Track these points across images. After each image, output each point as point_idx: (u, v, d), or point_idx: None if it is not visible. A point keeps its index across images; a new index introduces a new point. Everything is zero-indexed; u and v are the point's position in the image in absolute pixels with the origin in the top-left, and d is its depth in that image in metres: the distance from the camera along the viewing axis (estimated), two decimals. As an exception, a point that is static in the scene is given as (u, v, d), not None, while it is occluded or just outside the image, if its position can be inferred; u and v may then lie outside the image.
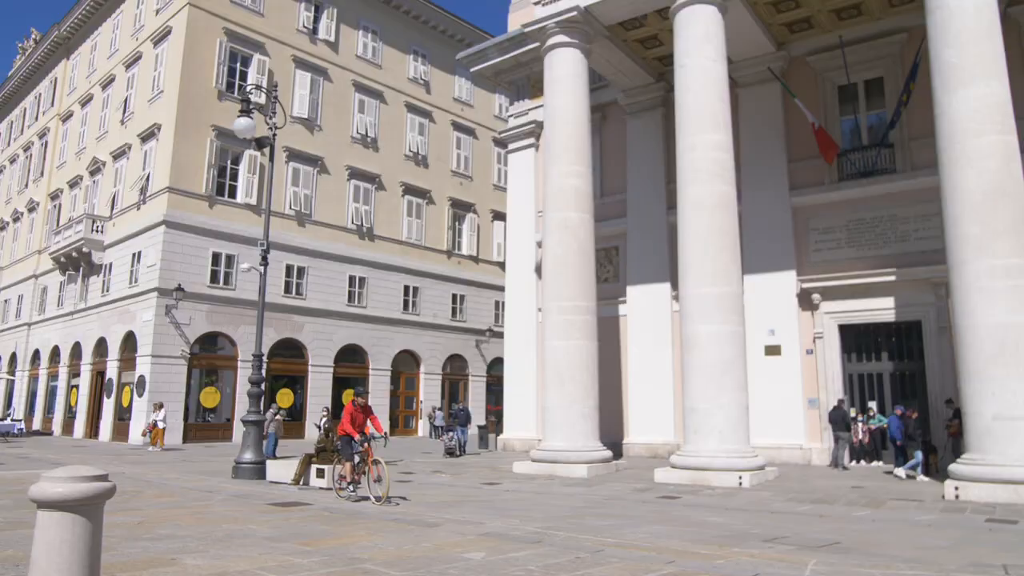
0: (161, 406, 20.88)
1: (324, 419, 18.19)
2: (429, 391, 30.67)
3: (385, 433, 9.76)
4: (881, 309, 14.66)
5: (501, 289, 24.43)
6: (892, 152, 14.91)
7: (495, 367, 31.71)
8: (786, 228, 15.72)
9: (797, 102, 15.22)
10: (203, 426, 23.80)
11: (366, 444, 9.31)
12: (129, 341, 24.33)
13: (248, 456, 12.31)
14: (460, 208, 33.07)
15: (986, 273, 9.59)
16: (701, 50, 12.49)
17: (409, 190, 30.97)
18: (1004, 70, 10.24)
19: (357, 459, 9.35)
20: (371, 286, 28.92)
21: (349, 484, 9.35)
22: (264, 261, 13.45)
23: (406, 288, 30.30)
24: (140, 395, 22.59)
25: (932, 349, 14.04)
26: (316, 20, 28.84)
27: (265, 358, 15.32)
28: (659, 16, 14.87)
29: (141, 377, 22.73)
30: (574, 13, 14.05)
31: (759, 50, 16.00)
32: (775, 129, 16.16)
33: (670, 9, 13.14)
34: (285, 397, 25.40)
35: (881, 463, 14.26)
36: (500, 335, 26.47)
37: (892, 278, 14.42)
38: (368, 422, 9.52)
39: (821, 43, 15.85)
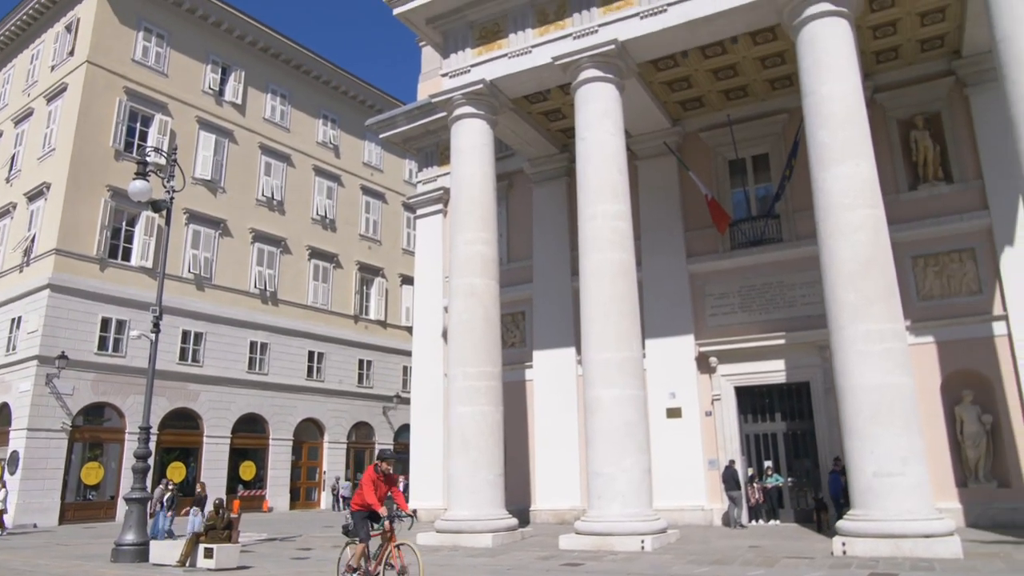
0: (3, 486, 19.11)
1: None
2: (333, 461, 29.63)
3: (413, 512, 8.07)
4: (773, 371, 15.34)
5: (409, 354, 24.17)
6: (778, 223, 15.89)
7: (403, 434, 31.07)
8: (684, 294, 16.37)
9: (691, 175, 16.08)
10: (83, 505, 22.06)
11: (388, 523, 7.53)
12: (2, 413, 22.52)
13: (130, 537, 11.48)
14: (368, 272, 32.80)
15: (862, 337, 10.24)
16: (600, 124, 13.09)
17: (316, 254, 30.53)
18: (870, 150, 11.18)
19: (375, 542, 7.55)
20: (273, 352, 28.01)
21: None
22: (156, 327, 12.86)
23: (310, 354, 29.51)
24: (12, 473, 20.79)
25: (820, 409, 14.74)
26: (223, 82, 28.57)
27: (155, 430, 14.50)
28: (562, 91, 15.52)
29: (14, 453, 20.97)
30: (480, 86, 14.49)
31: (656, 125, 16.90)
32: (672, 199, 16.97)
33: (571, 85, 13.77)
34: (176, 471, 23.93)
35: (778, 521, 14.68)
36: (408, 401, 26.08)
37: (782, 341, 15.16)
38: (390, 495, 7.83)
39: (712, 120, 16.90)
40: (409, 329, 30.58)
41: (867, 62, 14.87)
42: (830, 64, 11.35)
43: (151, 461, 13.71)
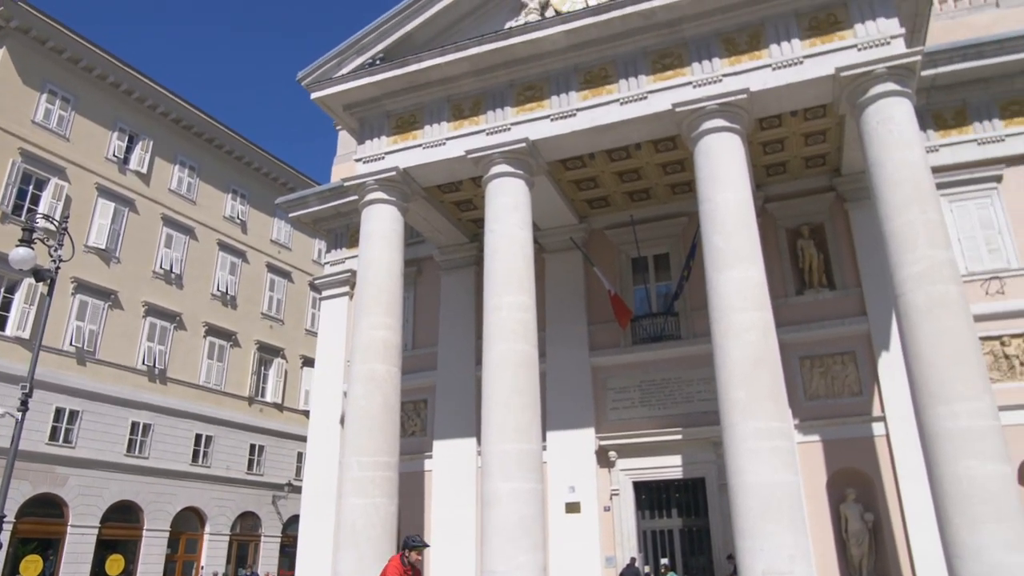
0: None
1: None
2: (213, 554, 27.60)
3: None
4: (670, 467, 15.54)
5: (306, 440, 23.21)
6: (677, 320, 16.47)
7: (292, 526, 29.40)
8: (586, 387, 16.55)
9: (596, 270, 16.57)
10: (-83, 603, 19.57)
11: None
12: None
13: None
14: (268, 352, 31.70)
15: (752, 434, 10.56)
16: (509, 218, 13.42)
17: (213, 331, 29.35)
18: (760, 256, 11.86)
19: None
20: (157, 434, 26.31)
21: None
22: (24, 405, 11.87)
23: (198, 437, 27.88)
24: None
25: (715, 506, 14.95)
26: (129, 150, 27.85)
27: (11, 518, 13.12)
28: (474, 183, 15.88)
29: None
30: (393, 173, 14.66)
31: (564, 221, 17.45)
32: (577, 293, 17.38)
33: (483, 178, 14.13)
34: (32, 565, 21.66)
35: (674, 621, 14.54)
36: (300, 490, 24.83)
37: (679, 437, 15.45)
38: None
39: (617, 219, 17.60)
40: (307, 413, 29.47)
41: (759, 174, 15.98)
42: (724, 175, 12.14)
43: (2, 554, 12.35)
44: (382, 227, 14.64)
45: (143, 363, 26.29)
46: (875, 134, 11.64)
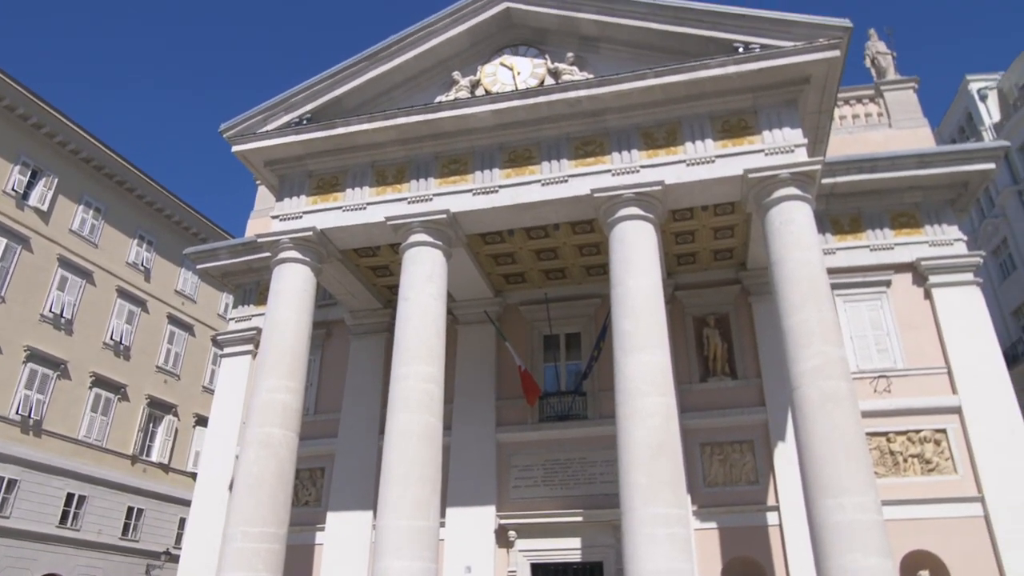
0: None
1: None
2: (74, 628, 25.19)
3: None
4: (569, 549, 15.33)
5: (190, 505, 21.76)
6: (585, 400, 16.57)
7: (167, 599, 27.26)
8: (490, 463, 16.30)
9: (508, 345, 16.59)
10: None
11: None
12: None
13: None
14: (159, 408, 29.98)
15: (650, 521, 10.57)
16: (424, 287, 13.35)
17: (100, 382, 27.60)
18: (667, 341, 12.16)
19: None
20: (23, 492, 24.20)
21: None
22: None
23: (69, 497, 25.77)
24: None
25: (612, 591, 14.76)
26: (30, 185, 26.44)
27: None
28: (392, 249, 15.79)
29: None
30: (310, 233, 14.43)
31: (479, 294, 17.50)
32: (488, 367, 17.30)
33: (401, 245, 14.07)
34: None
35: None
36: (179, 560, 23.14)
37: (579, 519, 15.32)
38: None
39: (532, 296, 17.79)
40: (195, 476, 27.82)
41: (670, 263, 16.57)
42: (636, 261, 12.51)
43: None
44: (293, 286, 14.29)
45: (16, 412, 24.33)
46: (778, 234, 12.31)
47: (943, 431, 14.91)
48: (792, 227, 12.26)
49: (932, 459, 14.78)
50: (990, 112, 40.13)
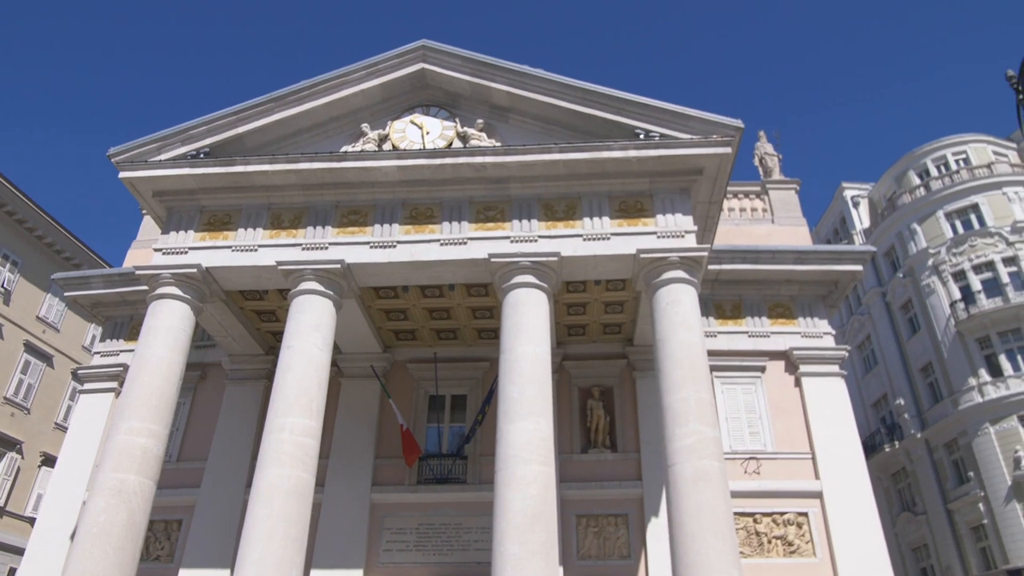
0: None
1: None
2: None
3: None
4: (438, 620, 14.81)
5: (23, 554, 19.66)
6: (466, 464, 16.33)
7: (-18, 660, 24.30)
8: (362, 524, 15.67)
9: (392, 403, 16.22)
10: None
11: None
12: None
13: None
14: (0, 444, 27.30)
15: (520, 593, 10.37)
16: (310, 336, 12.93)
17: (-65, 411, 24.97)
18: (551, 410, 12.22)
19: None
20: None
21: None
22: None
23: None
24: None
25: (477, 666, 14.30)
26: None
27: None
28: (280, 295, 15.30)
29: None
30: (194, 271, 13.78)
31: (367, 348, 17.12)
32: (369, 424, 16.81)
33: (290, 292, 13.65)
34: None
35: None
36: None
37: (450, 587, 14.88)
38: None
39: (421, 354, 17.58)
40: (34, 521, 25.34)
41: (560, 332, 16.82)
42: (527, 328, 12.63)
43: None
44: (169, 324, 13.51)
45: None
46: (664, 314, 12.77)
47: (805, 514, 15.56)
48: (678, 308, 12.75)
49: (794, 541, 15.36)
50: (861, 218, 43.77)
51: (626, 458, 16.31)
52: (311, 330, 12.99)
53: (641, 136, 13.73)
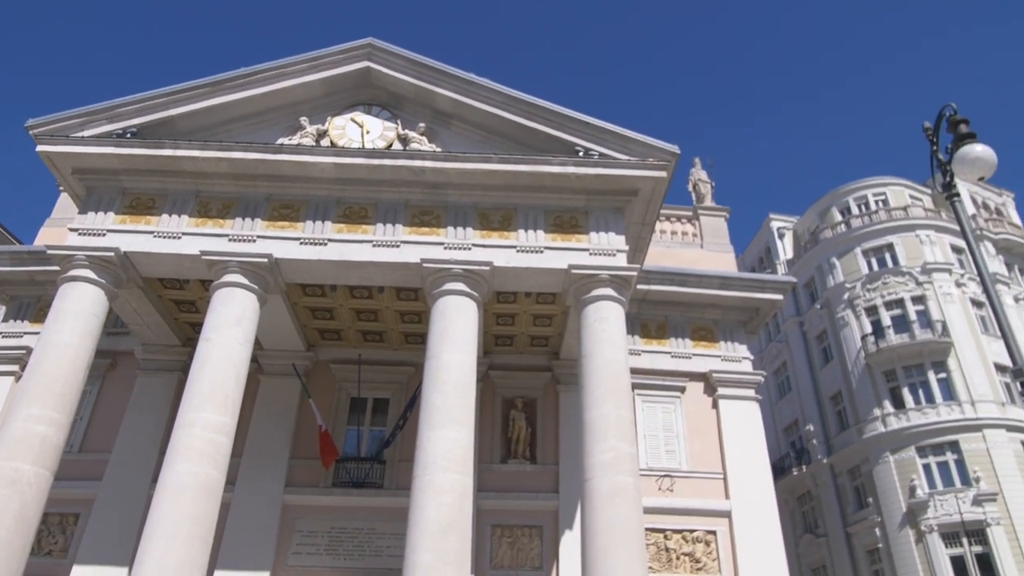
0: None
1: None
2: None
3: None
4: (344, 626, 14.55)
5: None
6: (383, 468, 16.13)
7: None
8: (272, 525, 15.27)
9: (312, 403, 15.89)
10: None
11: None
12: None
13: None
14: None
15: (428, 602, 10.30)
16: (231, 330, 12.56)
17: None
18: (473, 419, 12.22)
19: None
20: None
21: None
22: None
23: None
24: None
25: (380, 675, 14.10)
26: None
27: None
28: (202, 285, 14.80)
29: None
30: (111, 254, 13.20)
31: (290, 345, 16.74)
32: (287, 423, 16.41)
33: (211, 284, 13.23)
34: None
35: None
36: None
37: (359, 594, 14.65)
38: None
39: (345, 355, 17.28)
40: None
41: (488, 342, 16.84)
42: (454, 336, 12.61)
43: None
44: (80, 308, 12.88)
45: None
46: (591, 330, 12.96)
47: (714, 533, 15.99)
48: (605, 325, 12.96)
49: (701, 559, 15.75)
50: (785, 249, 45.47)
51: (545, 470, 16.42)
52: (232, 324, 12.62)
53: (581, 153, 13.93)
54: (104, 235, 13.47)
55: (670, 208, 20.44)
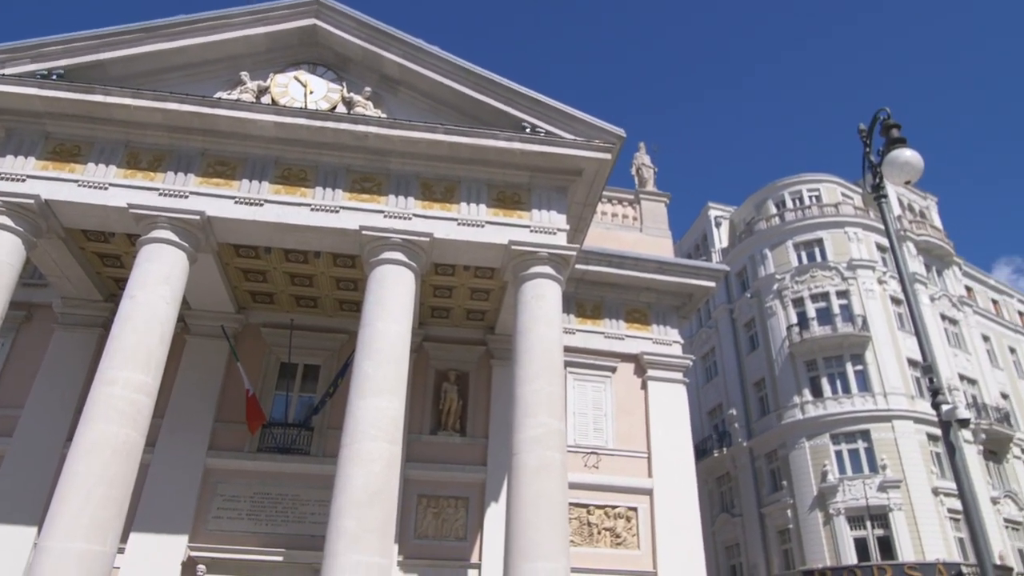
0: None
1: None
2: None
3: None
4: (262, 591, 14.42)
5: None
6: (311, 435, 15.96)
7: None
8: (193, 488, 14.96)
9: (239, 366, 15.55)
10: None
11: None
12: None
13: None
14: None
15: (351, 567, 10.29)
16: (157, 288, 12.12)
17: None
18: (404, 390, 12.18)
19: None
20: None
21: None
22: None
23: None
24: None
25: (298, 640, 14.07)
26: None
27: None
28: (128, 239, 14.24)
29: None
30: (31, 202, 12.53)
31: (219, 306, 16.31)
32: (212, 386, 16.03)
33: (139, 239, 12.74)
34: None
35: None
36: None
37: (279, 558, 14.54)
38: None
39: (277, 319, 16.94)
40: None
41: (424, 313, 16.77)
42: (390, 305, 12.49)
43: None
44: (-7, 257, 12.23)
45: None
46: (528, 306, 13.03)
47: (635, 509, 16.45)
48: (542, 303, 13.05)
49: (622, 534, 16.20)
50: (721, 238, 46.56)
51: (474, 443, 16.53)
52: (159, 282, 12.18)
53: (528, 130, 13.88)
54: (24, 180, 12.77)
55: (612, 191, 20.63)
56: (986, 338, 42.76)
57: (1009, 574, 30.62)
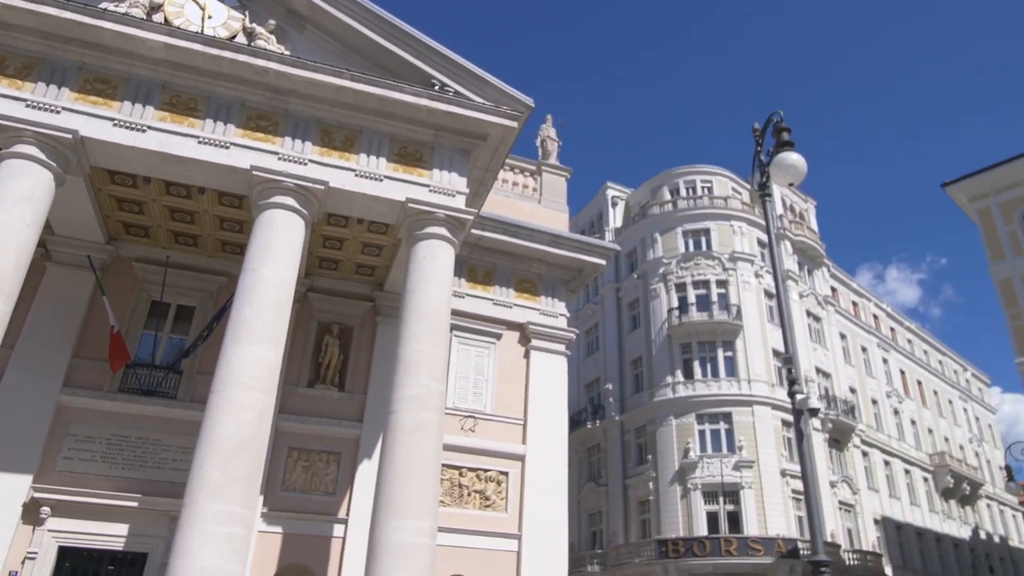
0: None
1: None
2: None
3: None
4: (113, 536, 13.79)
5: None
6: (179, 379, 15.26)
7: None
8: (42, 426, 14.00)
9: (105, 301, 14.60)
10: None
11: None
12: None
13: None
14: None
15: (212, 517, 9.98)
16: (16, 209, 11.08)
17: None
18: (283, 339, 11.82)
19: None
20: None
21: None
22: None
23: None
24: None
25: (149, 587, 13.58)
26: None
27: None
28: (-12, 150, 12.92)
29: None
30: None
31: (87, 235, 15.20)
32: (73, 319, 14.97)
33: (1, 152, 11.61)
34: None
35: None
36: None
37: (135, 504, 13.91)
38: None
39: (151, 255, 15.96)
40: None
41: (311, 262, 16.28)
42: (277, 251, 12.03)
43: None
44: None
45: None
46: (419, 266, 12.90)
47: (506, 474, 16.81)
48: (434, 264, 12.95)
49: (491, 497, 16.53)
50: (616, 218, 47.74)
51: (352, 399, 16.34)
52: (19, 201, 11.16)
53: (436, 87, 13.60)
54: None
55: (515, 159, 20.63)
56: (843, 336, 46.24)
57: (837, 550, 33.62)
